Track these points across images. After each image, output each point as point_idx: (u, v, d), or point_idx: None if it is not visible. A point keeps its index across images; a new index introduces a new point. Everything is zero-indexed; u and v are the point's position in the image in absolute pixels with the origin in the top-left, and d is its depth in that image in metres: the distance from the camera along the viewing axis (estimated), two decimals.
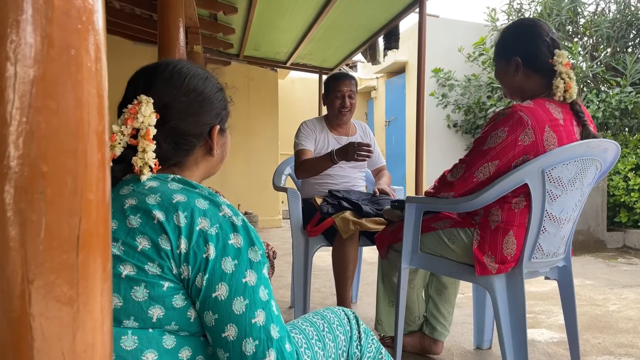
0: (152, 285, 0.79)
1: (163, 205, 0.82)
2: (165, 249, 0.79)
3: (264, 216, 7.08)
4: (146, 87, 0.93)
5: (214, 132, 0.99)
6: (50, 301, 0.41)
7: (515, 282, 1.68)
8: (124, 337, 0.78)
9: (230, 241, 0.82)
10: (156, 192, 0.85)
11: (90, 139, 0.44)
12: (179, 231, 0.80)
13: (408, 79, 8.35)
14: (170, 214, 0.81)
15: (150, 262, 0.79)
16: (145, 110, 0.88)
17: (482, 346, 2.30)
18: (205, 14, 4.62)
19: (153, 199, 0.83)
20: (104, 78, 0.46)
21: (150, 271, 0.79)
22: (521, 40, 1.74)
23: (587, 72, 5.99)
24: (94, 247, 0.44)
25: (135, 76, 0.98)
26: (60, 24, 0.41)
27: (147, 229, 0.80)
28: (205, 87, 0.98)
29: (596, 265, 4.39)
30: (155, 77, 0.95)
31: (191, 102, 0.95)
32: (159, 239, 0.79)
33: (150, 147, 0.87)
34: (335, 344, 1.05)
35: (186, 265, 0.80)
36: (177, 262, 0.79)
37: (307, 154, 2.71)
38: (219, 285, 0.80)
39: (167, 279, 0.80)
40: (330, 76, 2.88)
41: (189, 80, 0.96)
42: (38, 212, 0.40)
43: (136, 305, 0.79)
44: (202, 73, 1.00)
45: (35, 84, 0.40)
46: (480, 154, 1.66)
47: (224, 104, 1.03)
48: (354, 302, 3.15)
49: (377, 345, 1.16)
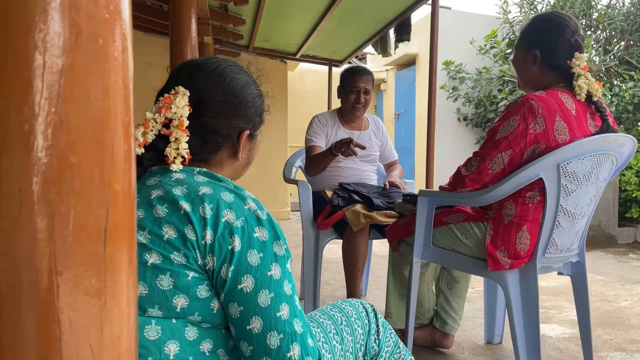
0: (177, 274, 0.79)
1: (189, 197, 0.83)
2: (191, 239, 0.80)
3: (273, 208, 7.09)
4: (186, 79, 0.95)
5: (242, 136, 0.99)
6: (78, 293, 0.40)
7: (528, 278, 1.67)
8: (148, 326, 0.79)
9: (256, 234, 0.83)
10: (183, 183, 0.86)
11: (117, 129, 0.43)
12: (204, 222, 0.80)
13: (418, 71, 8.30)
14: (196, 205, 0.81)
15: (176, 251, 0.80)
16: (179, 101, 0.89)
17: (492, 341, 2.30)
18: (215, 4, 4.61)
19: (179, 190, 0.84)
20: (130, 68, 0.46)
21: (175, 260, 0.79)
22: (545, 35, 1.71)
23: (600, 66, 5.92)
24: (120, 239, 0.44)
25: (179, 67, 1.00)
26: (88, 13, 0.41)
27: (174, 218, 0.81)
28: (243, 92, 0.99)
29: (607, 260, 4.36)
30: (198, 72, 0.96)
31: (226, 103, 0.96)
32: (185, 229, 0.80)
33: (184, 138, 0.89)
34: (353, 338, 1.05)
35: (211, 256, 0.80)
36: (203, 252, 0.80)
37: (316, 150, 2.71)
38: (244, 277, 0.80)
39: (192, 268, 0.80)
40: (347, 70, 2.86)
41: (229, 82, 0.97)
42: (67, 203, 0.40)
43: (161, 293, 0.79)
44: (244, 78, 1.01)
45: (64, 74, 0.39)
46: (493, 145, 1.64)
47: (259, 111, 1.04)
48: (363, 295, 3.14)
49: (395, 339, 1.16)
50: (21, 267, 0.39)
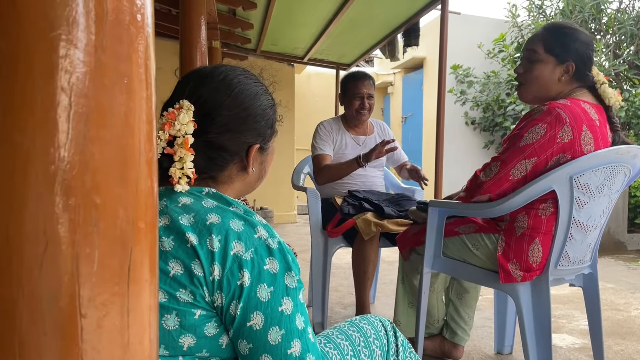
0: (184, 313, 0.76)
1: (197, 227, 0.79)
2: (198, 275, 0.76)
3: (279, 212, 7.10)
4: (192, 91, 0.89)
5: (251, 151, 0.93)
6: (102, 334, 0.40)
7: (540, 290, 1.65)
8: None
9: (266, 267, 0.79)
10: (190, 211, 0.82)
11: (141, 167, 0.43)
12: (212, 257, 0.77)
13: (426, 75, 8.28)
14: (203, 238, 0.78)
15: (182, 288, 0.76)
16: (183, 117, 0.84)
17: (502, 351, 2.28)
18: (224, 9, 4.62)
19: (186, 219, 0.80)
20: (153, 103, 0.45)
21: (182, 298, 0.76)
22: (581, 46, 1.67)
23: (610, 70, 5.89)
24: (143, 277, 0.43)
25: (186, 76, 0.94)
26: (113, 52, 0.40)
27: (180, 252, 0.77)
28: (253, 104, 0.93)
29: (617, 267, 4.33)
30: (204, 83, 0.90)
31: (234, 118, 0.90)
32: (192, 264, 0.77)
33: (188, 157, 0.83)
34: (371, 359, 1.02)
35: (219, 292, 0.77)
36: (211, 289, 0.77)
37: (327, 158, 2.71)
38: (254, 314, 0.77)
39: (200, 306, 0.77)
40: (347, 76, 2.84)
41: (237, 94, 0.91)
42: (92, 244, 0.39)
43: (167, 333, 0.77)
44: (254, 88, 0.95)
45: (90, 114, 0.39)
46: (517, 151, 1.60)
47: (270, 123, 0.98)
48: (372, 302, 3.13)
49: (415, 358, 1.12)
50: (45, 310, 0.39)
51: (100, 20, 0.40)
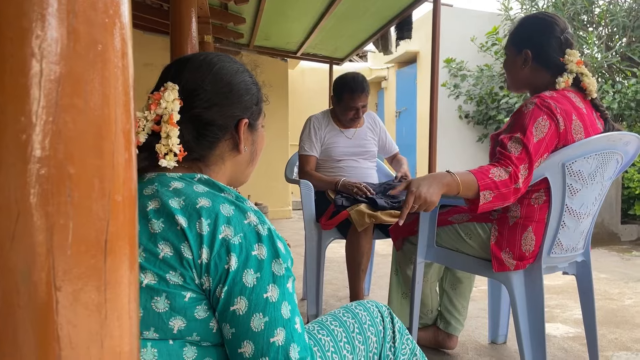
0: (174, 295, 0.76)
1: (186, 210, 0.79)
2: (187, 258, 0.76)
3: (274, 207, 7.09)
4: (175, 75, 0.92)
5: (240, 125, 0.94)
6: (78, 308, 0.39)
7: (533, 279, 1.65)
8: (143, 349, 0.75)
9: (254, 252, 0.78)
10: (180, 194, 0.81)
11: (117, 138, 0.42)
12: (200, 239, 0.76)
13: (419, 69, 8.28)
14: (193, 221, 0.77)
15: (172, 270, 0.76)
16: (168, 95, 0.86)
17: (497, 341, 2.28)
18: (216, 3, 4.59)
19: (177, 202, 0.80)
20: (130, 74, 0.44)
21: (171, 280, 0.76)
22: (534, 34, 1.71)
23: (602, 62, 5.90)
24: (121, 251, 0.42)
25: (168, 65, 0.97)
26: (86, 18, 0.39)
27: (170, 234, 0.77)
28: (234, 79, 0.95)
29: (610, 258, 4.34)
30: (184, 66, 0.93)
31: (218, 91, 0.92)
32: (181, 246, 0.76)
33: (174, 132, 0.84)
34: (365, 347, 1.00)
35: (207, 276, 0.76)
36: (199, 272, 0.76)
37: (311, 161, 2.75)
38: (238, 298, 0.76)
39: (189, 289, 0.77)
40: (343, 84, 2.72)
41: (218, 71, 0.93)
42: (66, 215, 0.38)
43: (157, 316, 0.76)
44: (234, 66, 0.97)
45: (62, 82, 0.38)
46: (535, 149, 1.53)
47: (255, 99, 0.99)
48: (366, 294, 3.13)
49: (412, 346, 1.10)
50: (19, 282, 0.37)
51: None
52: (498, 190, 1.51)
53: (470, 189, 1.51)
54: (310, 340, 0.94)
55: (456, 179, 1.51)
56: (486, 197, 1.51)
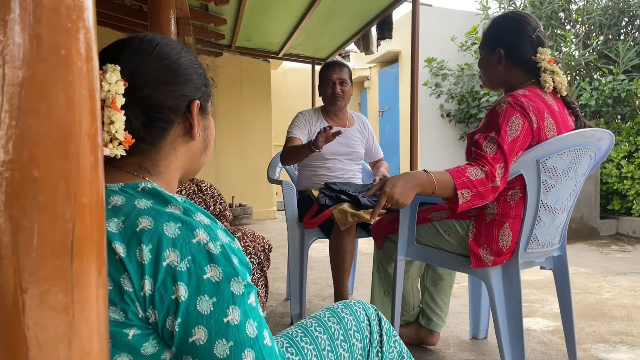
0: (114, 334, 0.69)
1: (125, 235, 0.70)
2: (128, 291, 0.68)
3: (258, 208, 7.08)
4: (113, 57, 0.81)
5: (193, 106, 0.86)
6: (44, 309, 0.40)
7: (511, 274, 1.68)
8: None
9: (206, 275, 0.70)
10: (119, 213, 0.73)
11: (82, 141, 0.42)
12: (142, 269, 0.68)
13: (401, 68, 8.33)
14: (132, 248, 0.69)
15: (112, 306, 0.68)
16: (110, 77, 0.75)
17: (478, 336, 2.31)
18: (196, 4, 4.57)
19: (115, 224, 0.71)
20: (95, 78, 0.45)
21: (111, 317, 0.68)
22: (507, 33, 1.75)
23: (579, 60, 5.99)
24: (88, 253, 0.43)
25: (104, 48, 0.85)
26: (49, 23, 0.40)
27: (109, 265, 0.68)
28: (181, 57, 0.86)
29: (590, 253, 4.41)
30: (123, 47, 0.84)
31: (164, 70, 0.83)
32: (120, 279, 0.68)
33: (117, 117, 0.74)
34: (350, 354, 0.96)
35: (152, 309, 0.69)
36: (143, 305, 0.69)
37: (295, 141, 2.70)
38: (195, 329, 0.69)
39: (133, 325, 0.69)
40: (322, 66, 2.88)
41: (161, 48, 0.84)
42: (30, 218, 0.39)
43: None
44: (177, 45, 0.88)
45: (25, 86, 0.39)
46: (510, 148, 1.55)
47: (204, 80, 0.91)
48: (350, 293, 3.15)
49: (399, 348, 1.07)
50: None
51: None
52: (476, 189, 1.53)
53: (446, 188, 1.53)
54: (292, 348, 0.91)
55: (432, 179, 1.53)
56: (465, 196, 1.52)
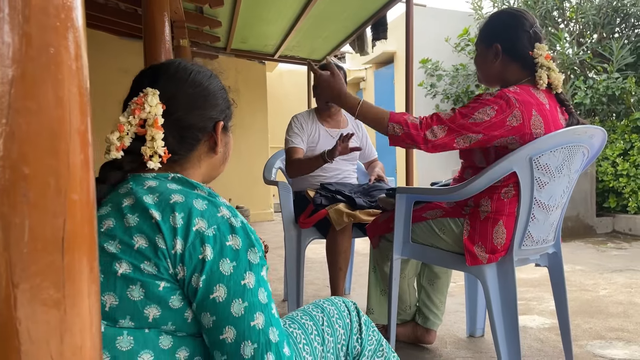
0: (148, 284, 0.78)
1: (160, 205, 0.82)
2: (161, 248, 0.78)
3: (256, 210, 7.08)
4: (152, 82, 0.94)
5: (218, 127, 0.99)
6: (36, 304, 0.40)
7: (506, 271, 1.69)
8: (120, 337, 0.77)
9: (228, 242, 0.81)
10: (154, 191, 0.85)
11: (72, 138, 0.43)
12: (174, 232, 0.79)
13: (397, 69, 8.35)
14: (166, 214, 0.80)
15: (146, 260, 0.78)
16: (152, 100, 0.89)
17: (475, 334, 2.32)
18: (191, 7, 4.58)
19: (151, 198, 0.83)
20: (85, 76, 0.45)
21: (146, 270, 0.78)
22: (504, 28, 1.76)
23: (574, 58, 6.01)
24: (79, 248, 0.44)
25: (140, 73, 1.00)
26: (38, 22, 0.41)
27: (145, 227, 0.80)
28: (210, 84, 1.00)
29: (586, 250, 4.43)
30: (160, 73, 0.97)
31: (197, 96, 0.97)
32: (155, 238, 0.79)
33: (159, 135, 0.88)
34: (334, 338, 1.04)
35: (181, 265, 0.79)
36: (173, 261, 0.79)
37: (298, 152, 2.70)
38: (217, 286, 0.79)
39: (163, 278, 0.79)
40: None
41: (194, 76, 0.98)
42: (21, 214, 0.39)
43: (132, 304, 0.78)
44: (207, 71, 1.02)
45: (15, 85, 0.39)
46: (465, 125, 1.62)
47: (227, 103, 1.05)
48: (347, 293, 3.15)
49: (378, 337, 1.15)
50: None
51: None
52: (408, 129, 1.65)
53: (378, 115, 1.79)
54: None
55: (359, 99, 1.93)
56: (395, 131, 1.68)
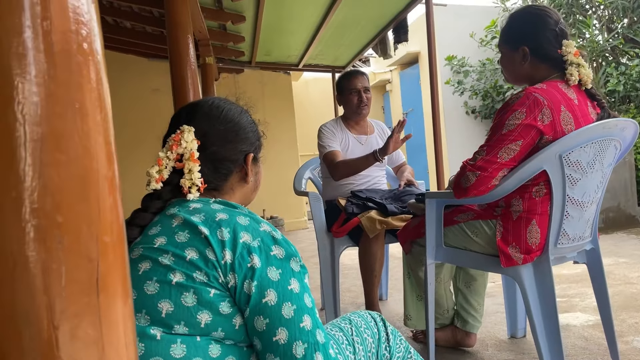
0: (200, 291, 0.85)
1: (207, 222, 0.89)
2: (211, 259, 0.85)
3: (290, 219, 7.13)
4: (187, 119, 1.04)
5: (248, 159, 1.08)
6: (76, 344, 0.43)
7: (542, 271, 1.66)
8: (174, 345, 0.83)
9: (272, 252, 0.89)
10: (200, 212, 0.92)
11: (101, 185, 0.46)
12: (222, 244, 0.86)
13: (422, 69, 8.29)
14: (214, 230, 0.88)
15: (198, 270, 0.85)
16: (187, 136, 0.99)
17: (516, 335, 2.29)
18: (214, 25, 4.67)
19: (198, 217, 0.91)
20: (109, 125, 0.48)
21: (197, 278, 0.85)
22: (529, 29, 1.72)
23: (604, 45, 5.86)
24: (113, 288, 0.46)
25: (177, 112, 1.10)
26: (63, 81, 0.43)
27: (195, 242, 0.87)
28: (241, 119, 1.10)
29: (629, 242, 4.30)
30: (195, 111, 1.07)
31: (228, 131, 1.06)
32: (205, 251, 0.86)
33: (195, 168, 0.98)
34: (364, 347, 1.09)
35: (232, 274, 0.86)
36: (224, 271, 0.85)
37: (338, 154, 2.70)
38: (267, 291, 0.86)
39: (213, 286, 0.85)
40: (341, 76, 2.90)
41: (226, 113, 1.08)
42: (58, 261, 0.42)
43: (186, 310, 0.84)
44: (237, 108, 1.12)
45: (44, 140, 0.42)
46: (501, 137, 1.60)
47: (257, 136, 1.14)
48: (384, 299, 3.15)
49: (405, 345, 1.19)
50: (21, 325, 0.41)
51: (48, 52, 0.43)
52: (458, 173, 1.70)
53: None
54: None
55: None
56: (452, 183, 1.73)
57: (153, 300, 0.85)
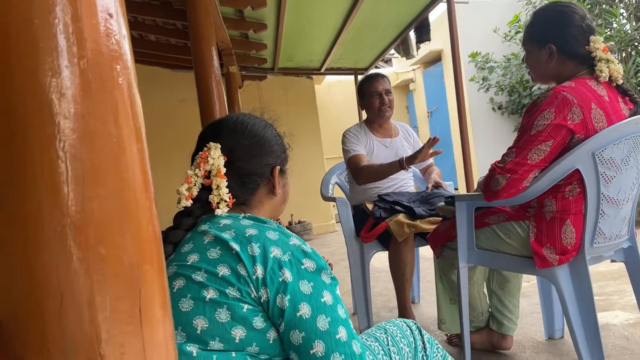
0: (233, 307, 0.86)
1: (238, 238, 0.91)
2: (243, 275, 0.87)
3: (318, 223, 7.14)
4: (214, 136, 1.07)
5: (275, 172, 1.10)
6: None
7: (579, 271, 1.63)
8: None
9: (303, 266, 0.90)
10: (230, 228, 0.94)
11: (140, 215, 0.47)
12: (253, 260, 0.88)
13: (445, 66, 8.22)
14: (244, 246, 0.89)
15: (230, 286, 0.86)
16: (214, 153, 1.01)
17: (554, 336, 2.25)
18: (236, 34, 4.72)
19: (228, 234, 0.92)
20: (145, 155, 0.49)
21: (230, 294, 0.86)
22: (555, 27, 1.68)
23: (633, 34, 5.71)
24: (155, 315, 0.47)
25: (204, 130, 1.13)
26: (100, 117, 0.45)
27: (227, 258, 0.89)
28: (265, 133, 1.11)
29: None
30: (221, 128, 1.09)
31: (253, 145, 1.08)
32: (237, 267, 0.87)
33: (223, 184, 1.00)
34: (400, 357, 1.08)
35: (264, 288, 0.86)
36: (256, 286, 0.86)
37: (363, 158, 2.69)
38: (301, 305, 0.86)
39: (246, 301, 0.86)
40: (361, 80, 2.90)
41: (251, 127, 1.10)
42: (102, 292, 0.44)
43: (220, 326, 0.86)
44: (262, 122, 1.14)
45: (85, 176, 0.43)
46: (530, 138, 1.58)
47: (283, 148, 1.15)
48: (417, 302, 3.13)
49: (442, 353, 1.18)
50: (69, 354, 0.43)
51: (86, 90, 0.44)
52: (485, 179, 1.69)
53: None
54: None
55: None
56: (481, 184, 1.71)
57: (188, 317, 0.86)
